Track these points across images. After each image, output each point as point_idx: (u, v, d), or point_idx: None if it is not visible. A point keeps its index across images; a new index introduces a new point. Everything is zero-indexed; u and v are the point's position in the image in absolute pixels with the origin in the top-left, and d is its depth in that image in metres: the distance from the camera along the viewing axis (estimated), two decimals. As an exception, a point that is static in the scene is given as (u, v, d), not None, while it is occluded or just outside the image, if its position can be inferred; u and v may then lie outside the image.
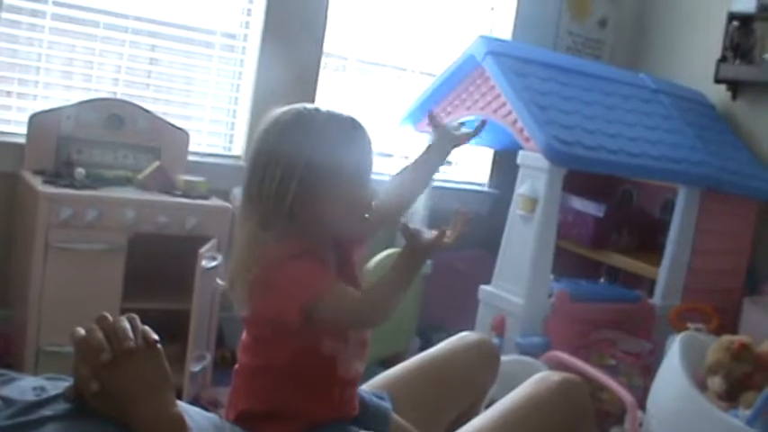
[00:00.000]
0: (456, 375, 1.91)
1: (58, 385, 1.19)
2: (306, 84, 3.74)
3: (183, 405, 1.25)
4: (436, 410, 1.86)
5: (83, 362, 1.15)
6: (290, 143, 1.49)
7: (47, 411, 1.12)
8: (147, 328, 1.20)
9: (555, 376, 1.87)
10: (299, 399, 1.54)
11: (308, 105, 1.56)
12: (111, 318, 1.18)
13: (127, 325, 1.18)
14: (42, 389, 1.18)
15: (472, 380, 1.95)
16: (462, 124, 1.92)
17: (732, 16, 4.07)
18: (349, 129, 1.53)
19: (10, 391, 1.16)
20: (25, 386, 1.19)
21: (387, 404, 1.71)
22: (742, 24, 4.05)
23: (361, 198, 1.53)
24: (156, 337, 1.19)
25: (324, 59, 3.84)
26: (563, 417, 1.79)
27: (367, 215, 1.56)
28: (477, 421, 1.75)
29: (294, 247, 1.48)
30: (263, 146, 1.52)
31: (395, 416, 1.70)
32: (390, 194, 1.78)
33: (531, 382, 1.85)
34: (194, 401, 2.79)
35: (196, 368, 2.95)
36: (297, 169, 1.47)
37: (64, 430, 1.10)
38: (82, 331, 1.16)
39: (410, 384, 1.85)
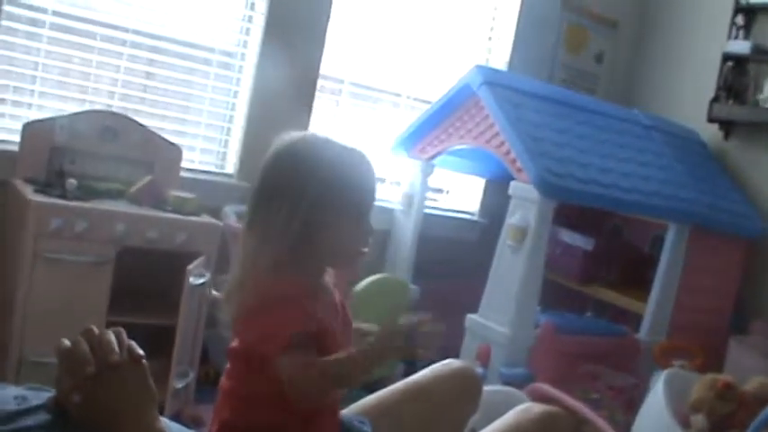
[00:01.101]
0: (438, 403, 1.91)
1: (40, 396, 1.18)
2: (301, 105, 3.73)
3: (164, 421, 1.25)
4: (417, 437, 1.85)
5: (66, 373, 1.14)
6: (301, 175, 1.49)
7: (28, 421, 1.11)
8: (132, 343, 1.19)
9: (537, 408, 1.87)
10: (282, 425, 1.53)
11: (319, 135, 1.57)
12: (97, 330, 1.18)
13: (113, 338, 1.17)
14: (24, 398, 1.17)
15: (454, 408, 1.95)
16: None
17: (726, 57, 4.12)
18: (358, 163, 1.53)
19: (-9, 399, 1.15)
20: (6, 395, 1.18)
21: (367, 429, 1.70)
22: (736, 65, 4.09)
23: (363, 232, 1.54)
24: (141, 352, 1.18)
25: (320, 82, 3.85)
26: (544, 448, 1.79)
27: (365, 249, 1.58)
28: (458, 450, 1.74)
29: (287, 286, 1.48)
30: (271, 173, 1.53)
31: (375, 442, 1.70)
32: None
33: (514, 412, 1.86)
34: (176, 418, 2.77)
35: (179, 384, 2.93)
36: (304, 202, 1.47)
37: (44, 441, 1.10)
38: (67, 343, 1.16)
39: (392, 410, 1.85)
